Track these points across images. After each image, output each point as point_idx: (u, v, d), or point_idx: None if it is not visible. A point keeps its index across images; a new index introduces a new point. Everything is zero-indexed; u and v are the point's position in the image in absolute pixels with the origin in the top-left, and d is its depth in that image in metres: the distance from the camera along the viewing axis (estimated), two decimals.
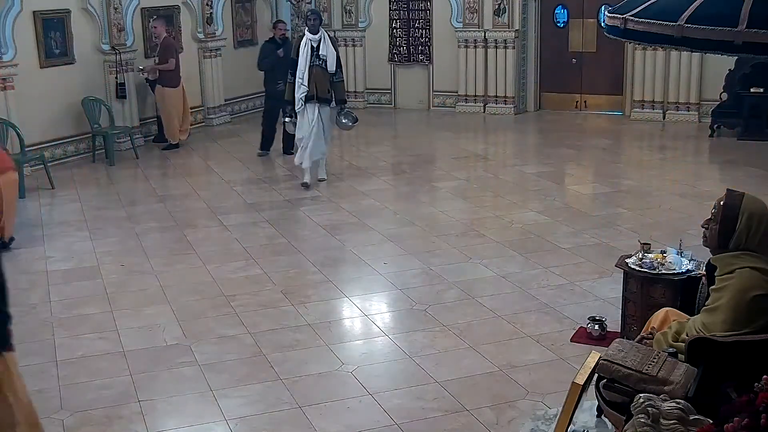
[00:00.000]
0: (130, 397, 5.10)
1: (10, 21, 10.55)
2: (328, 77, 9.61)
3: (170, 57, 11.91)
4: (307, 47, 9.50)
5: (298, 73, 9.53)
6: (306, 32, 9.63)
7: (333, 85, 9.70)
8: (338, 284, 6.92)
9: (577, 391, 3.90)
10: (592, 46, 14.01)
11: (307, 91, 9.54)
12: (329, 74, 9.58)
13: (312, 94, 9.55)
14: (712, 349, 3.71)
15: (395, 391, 5.13)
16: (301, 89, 9.55)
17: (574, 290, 6.63)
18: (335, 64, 9.60)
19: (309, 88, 9.52)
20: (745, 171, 10.25)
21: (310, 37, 9.54)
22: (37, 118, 10.91)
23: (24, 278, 7.18)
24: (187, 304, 6.57)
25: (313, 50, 9.50)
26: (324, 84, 9.60)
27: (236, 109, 14.63)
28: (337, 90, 9.80)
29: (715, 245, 3.99)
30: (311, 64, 9.48)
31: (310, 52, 9.49)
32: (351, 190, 10.00)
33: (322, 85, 9.59)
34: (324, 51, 9.54)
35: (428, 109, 14.95)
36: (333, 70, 9.58)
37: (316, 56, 9.50)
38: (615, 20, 3.72)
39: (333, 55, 9.58)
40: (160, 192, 10.02)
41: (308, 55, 9.48)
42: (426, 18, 14.68)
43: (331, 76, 9.62)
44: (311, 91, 9.54)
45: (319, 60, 9.53)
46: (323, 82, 9.59)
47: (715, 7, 3.25)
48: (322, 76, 9.55)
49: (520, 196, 9.44)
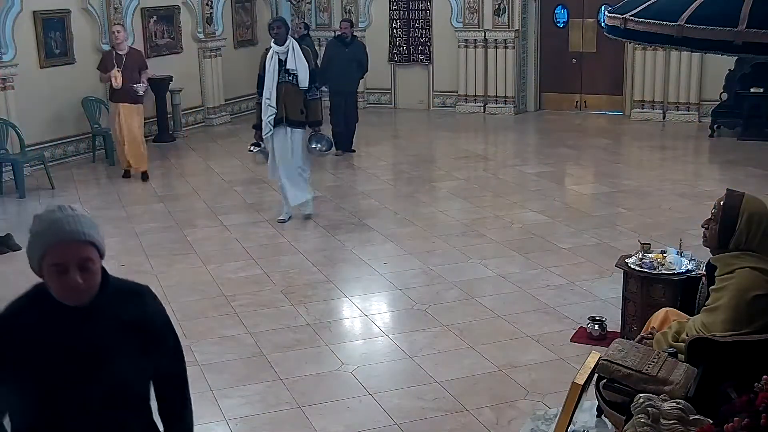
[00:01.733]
0: None
1: (10, 21, 10.55)
2: (301, 95, 8.22)
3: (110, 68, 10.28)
4: (274, 61, 8.15)
5: (265, 92, 8.21)
6: (272, 44, 8.25)
7: (307, 103, 8.27)
8: (338, 284, 6.92)
9: (577, 391, 3.90)
10: (592, 46, 14.01)
11: (276, 113, 8.20)
12: (302, 91, 8.22)
13: (281, 116, 8.21)
14: (712, 349, 3.71)
15: (395, 391, 5.13)
16: (269, 111, 8.20)
17: (574, 290, 6.63)
18: (308, 78, 8.21)
19: (278, 110, 8.21)
20: (745, 171, 10.24)
21: (276, 49, 8.17)
22: (37, 118, 10.90)
23: (24, 278, 7.15)
24: (187, 304, 6.57)
25: (281, 64, 8.15)
26: (295, 103, 8.22)
27: (236, 109, 14.62)
28: (311, 110, 8.32)
29: (715, 245, 3.99)
30: (279, 80, 8.14)
31: (278, 66, 8.14)
32: (351, 190, 10.00)
33: (293, 104, 8.21)
34: (293, 64, 8.16)
35: (428, 109, 14.95)
36: (305, 86, 8.20)
37: (284, 71, 8.14)
38: (615, 20, 3.72)
39: (305, 69, 8.18)
40: (160, 192, 10.02)
41: (275, 71, 8.15)
42: (426, 18, 14.68)
43: (305, 93, 8.24)
44: (280, 113, 8.20)
45: (289, 75, 8.16)
46: (294, 102, 8.21)
47: (715, 7, 3.25)
48: (292, 95, 8.19)
49: (520, 196, 9.44)
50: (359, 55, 11.76)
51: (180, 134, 12.99)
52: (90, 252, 2.39)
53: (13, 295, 2.56)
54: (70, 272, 2.35)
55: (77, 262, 2.35)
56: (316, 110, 8.40)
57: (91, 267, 2.39)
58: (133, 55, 10.48)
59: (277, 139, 8.31)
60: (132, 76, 10.26)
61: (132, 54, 10.46)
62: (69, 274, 2.35)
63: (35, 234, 2.39)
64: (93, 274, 2.40)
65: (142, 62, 10.62)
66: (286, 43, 8.19)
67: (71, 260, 2.35)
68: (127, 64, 10.26)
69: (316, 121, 8.43)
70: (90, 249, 2.39)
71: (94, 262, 2.40)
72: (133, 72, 10.29)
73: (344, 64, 11.45)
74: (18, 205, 9.61)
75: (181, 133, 13.02)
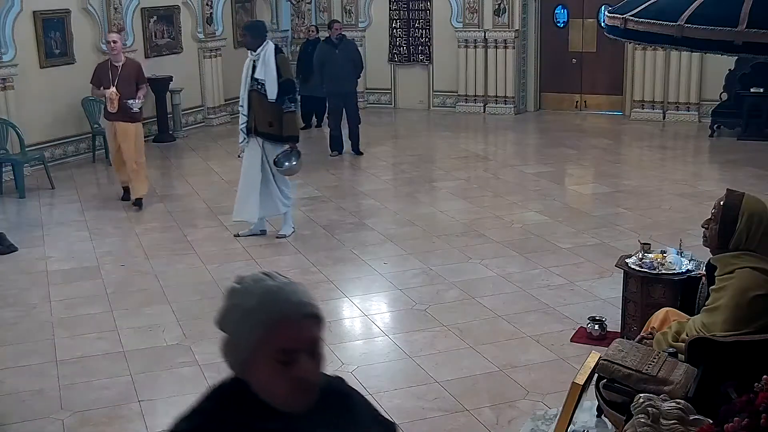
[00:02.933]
0: (130, 397, 5.10)
1: (10, 21, 10.55)
2: (269, 106, 7.72)
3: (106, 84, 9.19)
4: (248, 67, 7.84)
5: (240, 99, 7.97)
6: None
7: (280, 116, 7.75)
8: (338, 284, 6.92)
9: (577, 391, 3.90)
10: (592, 46, 14.01)
11: (247, 122, 7.86)
12: (271, 103, 7.70)
13: (251, 125, 7.83)
14: (712, 349, 3.71)
15: (395, 391, 5.13)
16: (241, 118, 7.94)
17: (574, 290, 6.63)
18: (276, 90, 7.68)
19: (248, 118, 7.84)
20: (745, 171, 10.24)
21: (250, 55, 7.85)
22: (37, 118, 10.91)
23: (24, 278, 7.18)
24: (187, 304, 6.57)
25: (253, 71, 7.78)
26: (263, 114, 7.76)
27: (236, 109, 14.51)
28: (286, 123, 7.79)
29: (715, 245, 4.00)
30: (250, 87, 7.79)
31: (251, 72, 7.79)
32: (351, 190, 10.00)
33: (261, 115, 7.77)
34: (261, 74, 7.70)
35: (428, 109, 14.95)
36: (272, 98, 7.68)
37: (254, 79, 7.75)
38: (615, 20, 3.72)
39: (273, 79, 7.67)
40: (160, 192, 10.01)
41: (247, 77, 7.82)
42: (426, 18, 14.67)
43: (276, 105, 7.72)
44: (251, 122, 7.84)
45: (258, 84, 7.74)
46: (262, 112, 7.77)
47: (715, 7, 3.25)
48: (259, 104, 7.75)
49: (520, 196, 9.44)
50: (351, 55, 11.66)
51: (180, 134, 13.00)
52: (320, 331, 1.82)
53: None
54: (301, 361, 1.75)
55: (309, 346, 1.78)
56: (291, 124, 7.83)
57: (321, 353, 1.81)
58: (130, 67, 9.26)
59: (248, 149, 7.93)
60: (128, 90, 9.06)
61: (129, 66, 9.25)
62: (300, 363, 1.75)
63: (246, 312, 1.78)
64: (321, 362, 1.80)
65: (139, 75, 9.36)
66: (257, 50, 7.75)
67: (303, 344, 1.76)
68: (123, 77, 9.08)
69: (292, 136, 7.85)
70: (320, 327, 1.82)
71: (322, 346, 1.82)
72: (129, 85, 9.11)
73: (337, 65, 11.36)
74: (18, 205, 9.61)
75: (181, 133, 13.03)
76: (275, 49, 7.82)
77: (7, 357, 5.71)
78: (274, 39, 15.33)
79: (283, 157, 7.84)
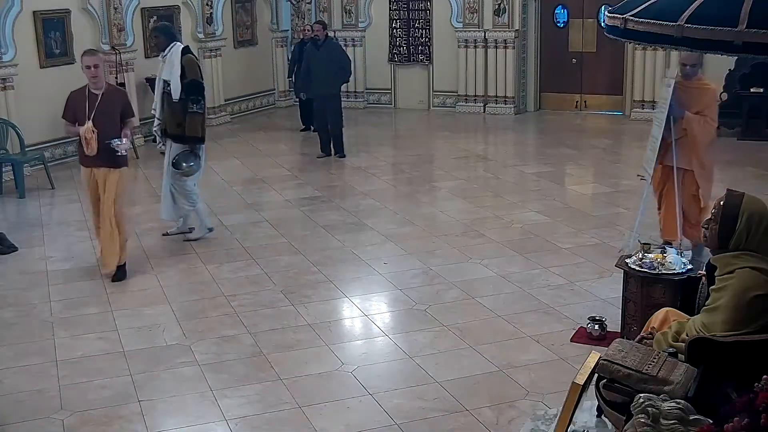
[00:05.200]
0: (130, 397, 5.10)
1: (10, 21, 10.56)
2: (176, 107, 7.61)
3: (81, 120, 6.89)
4: (160, 69, 7.85)
5: (154, 102, 7.96)
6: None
7: (184, 117, 7.64)
8: (338, 284, 6.92)
9: (577, 391, 3.90)
10: (592, 46, 14.02)
11: (160, 123, 7.83)
12: (178, 103, 7.60)
13: (164, 127, 7.81)
14: (712, 349, 3.71)
15: (395, 391, 5.13)
16: (155, 121, 7.90)
17: (574, 290, 6.63)
18: (179, 90, 7.56)
19: (162, 120, 7.82)
20: (745, 171, 10.24)
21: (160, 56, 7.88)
22: (37, 118, 10.90)
23: (24, 278, 7.18)
24: (187, 304, 6.58)
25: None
26: (172, 116, 7.67)
27: (236, 109, 14.62)
28: (189, 125, 7.62)
29: (715, 245, 3.99)
30: (162, 90, 7.74)
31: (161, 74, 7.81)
32: (351, 190, 10.00)
33: (170, 116, 7.69)
34: (168, 74, 7.64)
35: (428, 109, 14.95)
36: (176, 97, 7.57)
37: (163, 80, 7.73)
38: (615, 20, 3.71)
39: (176, 78, 7.57)
40: (160, 192, 9.99)
41: (159, 79, 7.81)
42: (426, 18, 14.68)
43: (182, 104, 7.60)
44: (163, 124, 7.80)
45: (168, 86, 7.66)
46: (170, 113, 7.68)
47: (715, 7, 3.24)
48: (168, 106, 7.69)
49: (520, 196, 9.44)
50: (335, 56, 11.39)
51: None
52: None
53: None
54: None
55: None
56: (193, 126, 7.64)
57: None
58: (112, 95, 6.98)
59: (167, 150, 7.90)
60: (109, 125, 6.79)
61: (111, 94, 6.97)
62: None
63: None
64: None
65: (125, 106, 7.06)
66: (167, 50, 7.70)
67: None
68: (101, 109, 6.79)
69: (193, 137, 7.70)
70: None
71: None
72: (111, 119, 6.83)
73: (320, 67, 11.22)
74: (18, 205, 9.61)
75: None
76: (183, 50, 7.74)
77: (7, 357, 5.71)
78: (274, 39, 15.47)
79: (181, 158, 7.79)
